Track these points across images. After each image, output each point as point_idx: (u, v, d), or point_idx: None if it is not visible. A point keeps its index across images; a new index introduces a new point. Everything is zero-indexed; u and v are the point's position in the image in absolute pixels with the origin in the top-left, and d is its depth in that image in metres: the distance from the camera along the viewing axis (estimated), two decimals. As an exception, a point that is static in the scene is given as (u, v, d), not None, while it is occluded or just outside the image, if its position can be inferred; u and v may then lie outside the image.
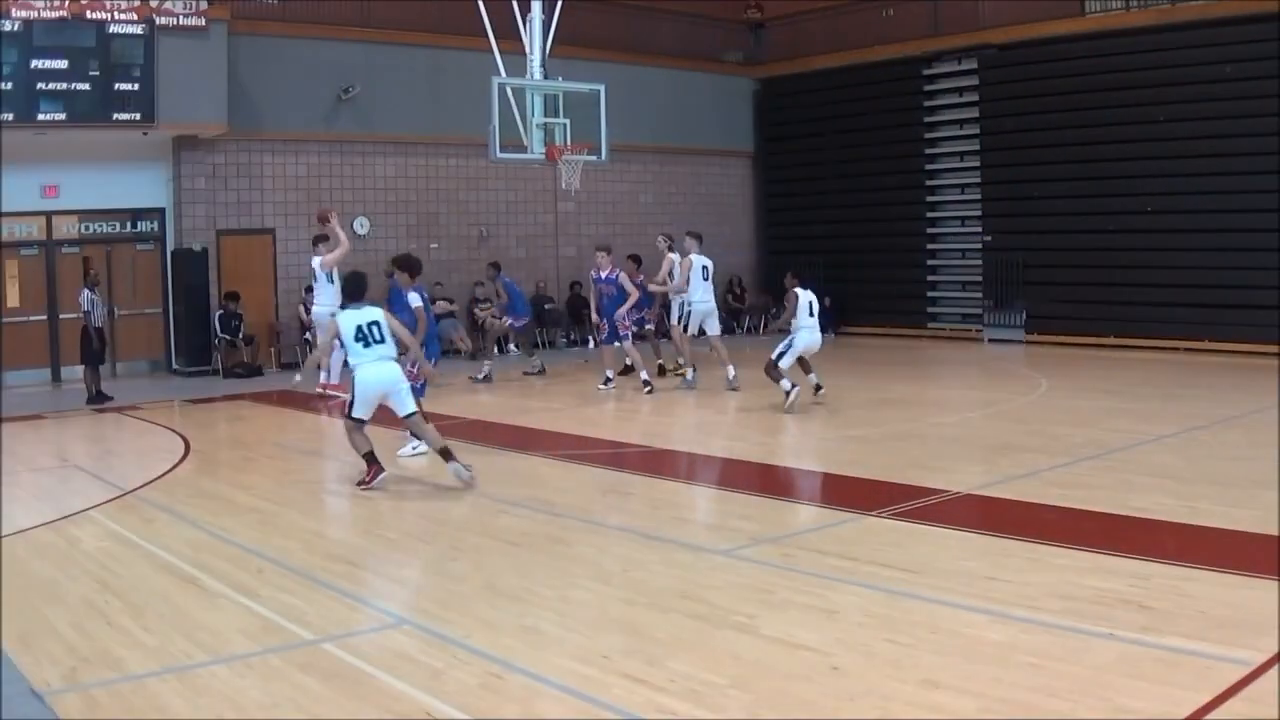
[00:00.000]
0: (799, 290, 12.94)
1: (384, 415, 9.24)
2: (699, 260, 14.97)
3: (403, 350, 9.31)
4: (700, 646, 5.28)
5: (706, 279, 14.96)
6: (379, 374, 8.85)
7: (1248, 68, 17.23)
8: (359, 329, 8.83)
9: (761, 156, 25.11)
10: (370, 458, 8.95)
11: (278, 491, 9.26)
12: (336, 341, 9.31)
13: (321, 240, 14.94)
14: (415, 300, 11.04)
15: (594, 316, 15.77)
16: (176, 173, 17.89)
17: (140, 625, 5.72)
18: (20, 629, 5.64)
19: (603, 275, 15.00)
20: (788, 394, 12.40)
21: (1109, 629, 5.25)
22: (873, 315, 22.71)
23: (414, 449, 10.43)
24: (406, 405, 8.99)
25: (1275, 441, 9.76)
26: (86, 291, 14.81)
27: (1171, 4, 18.50)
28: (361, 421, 8.96)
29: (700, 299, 14.85)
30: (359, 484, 8.96)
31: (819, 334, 13.13)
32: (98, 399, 14.62)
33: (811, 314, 13.01)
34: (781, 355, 12.66)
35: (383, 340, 8.89)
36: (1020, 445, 10.45)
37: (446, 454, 8.93)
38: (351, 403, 8.95)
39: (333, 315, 10.07)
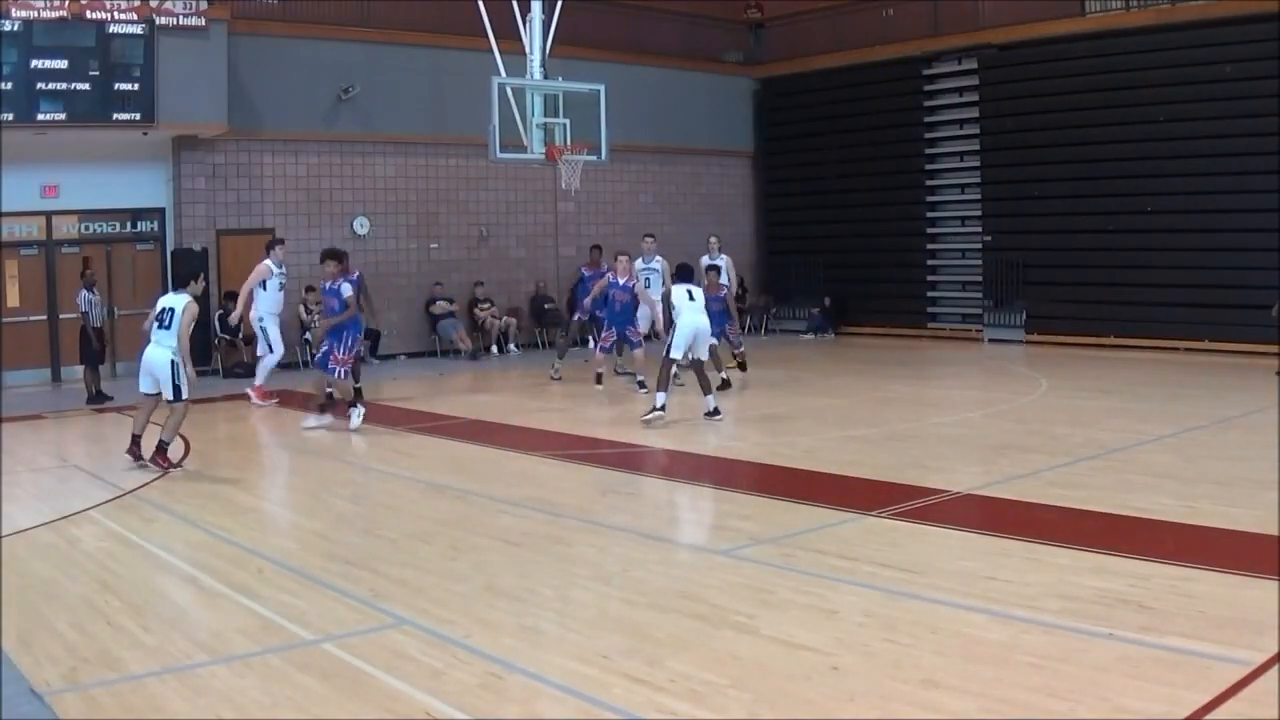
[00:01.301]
0: (674, 286, 12.30)
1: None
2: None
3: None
4: (700, 646, 5.28)
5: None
6: (151, 355, 9.93)
7: (1248, 68, 17.23)
8: (161, 311, 9.95)
9: (761, 156, 25.11)
10: (135, 440, 10.06)
11: (277, 491, 9.27)
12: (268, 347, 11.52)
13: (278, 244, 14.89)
14: (348, 290, 12.23)
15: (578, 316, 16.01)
16: (176, 173, 17.89)
17: (140, 625, 5.72)
18: (20, 629, 5.64)
19: (620, 282, 14.46)
20: (654, 409, 11.63)
21: (1109, 629, 5.25)
22: (873, 315, 22.72)
23: (317, 422, 12.14)
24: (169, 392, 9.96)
25: (1275, 442, 9.76)
26: (84, 292, 14.80)
27: (1171, 4, 18.50)
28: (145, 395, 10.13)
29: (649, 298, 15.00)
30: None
31: (705, 317, 12.21)
32: (98, 399, 14.60)
33: (693, 298, 12.11)
34: (670, 346, 11.96)
35: (168, 327, 9.83)
36: (1020, 445, 10.45)
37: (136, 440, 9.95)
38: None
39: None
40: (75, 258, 17.44)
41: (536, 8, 15.48)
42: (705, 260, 15.75)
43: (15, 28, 15.28)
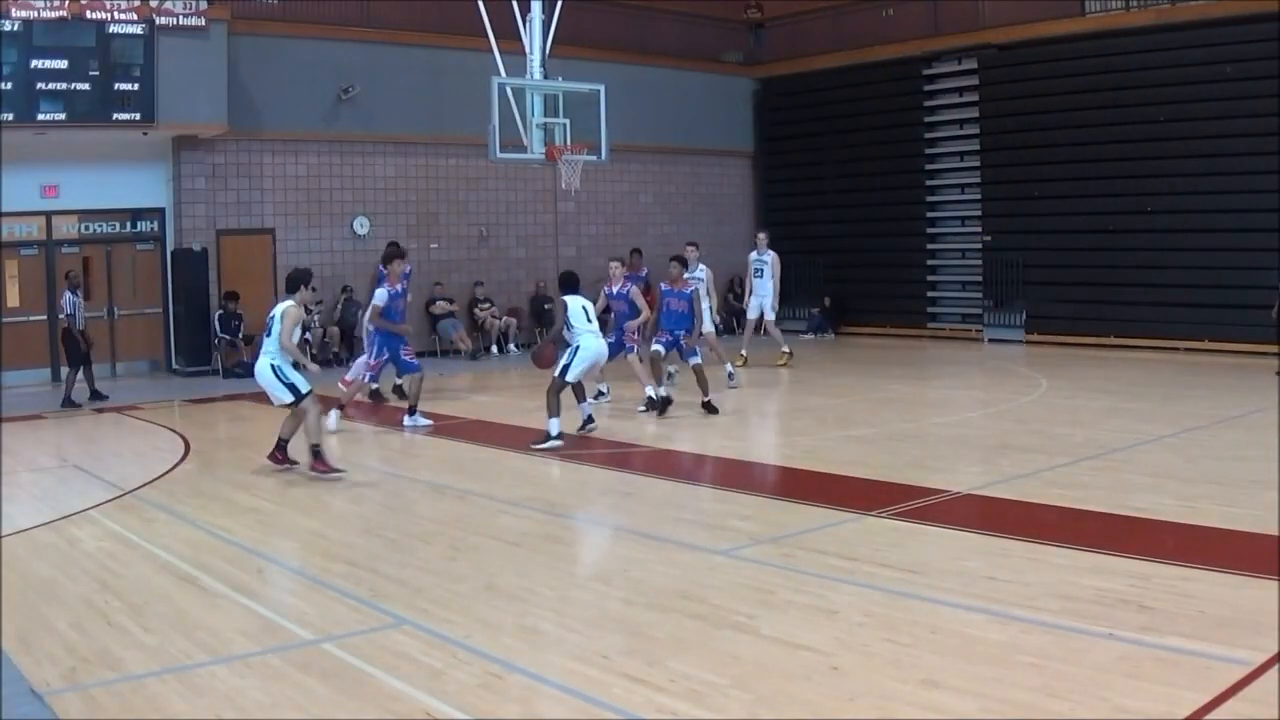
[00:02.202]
0: (567, 298, 11.40)
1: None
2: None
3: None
4: (700, 646, 5.28)
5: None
6: (259, 366, 9.83)
7: (1248, 68, 17.22)
8: (269, 321, 9.86)
9: (761, 156, 25.11)
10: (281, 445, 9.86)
11: (277, 491, 9.26)
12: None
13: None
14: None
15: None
16: (176, 172, 17.89)
17: (140, 625, 5.72)
18: (20, 629, 5.64)
19: (613, 290, 13.74)
20: (550, 437, 10.71)
21: (1109, 629, 5.25)
22: (873, 315, 22.71)
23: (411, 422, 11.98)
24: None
25: (1275, 442, 9.76)
26: (68, 294, 14.65)
27: (1171, 4, 18.50)
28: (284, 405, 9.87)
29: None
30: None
31: (603, 341, 11.53)
32: (95, 397, 14.57)
33: (590, 319, 11.37)
34: (566, 368, 11.01)
35: (270, 335, 9.75)
36: (1020, 445, 10.45)
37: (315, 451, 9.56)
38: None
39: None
40: (75, 258, 17.46)
41: (536, 8, 15.47)
42: (753, 256, 16.93)
43: (15, 28, 15.28)
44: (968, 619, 5.53)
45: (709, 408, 12.37)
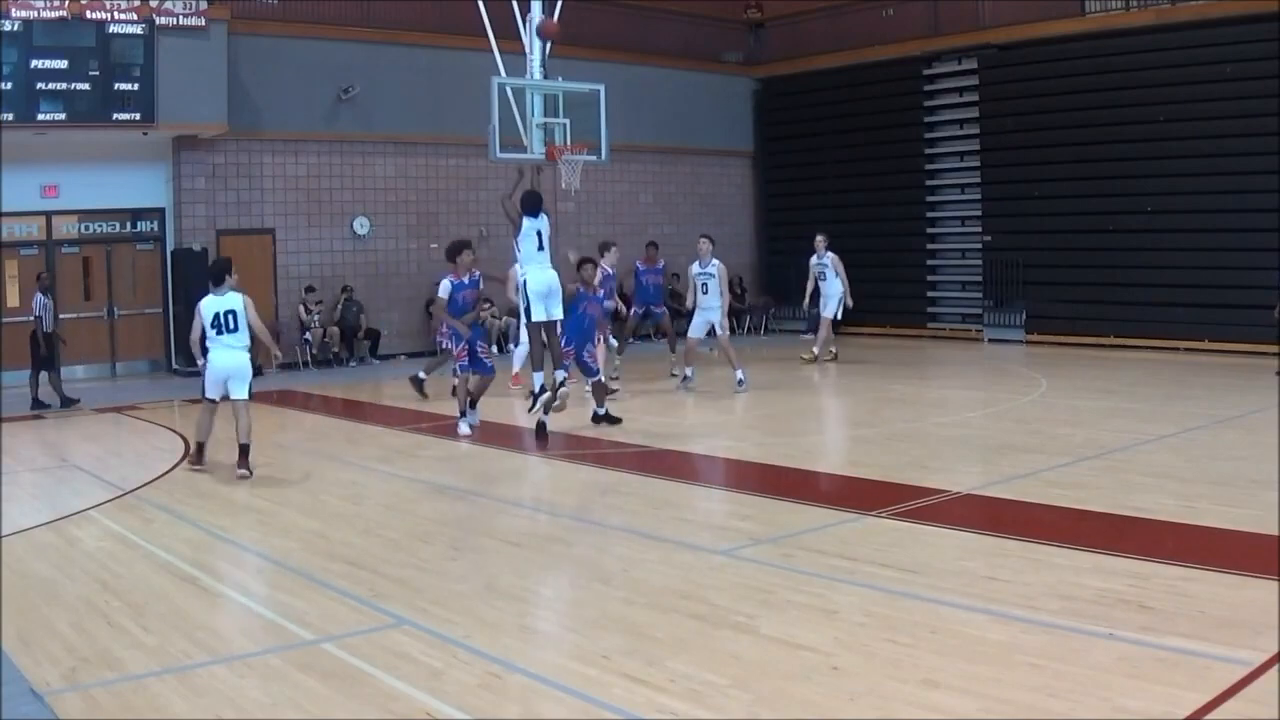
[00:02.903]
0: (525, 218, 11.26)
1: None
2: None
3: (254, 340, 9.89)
4: (700, 646, 5.28)
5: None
6: (227, 359, 9.56)
7: (1247, 68, 17.22)
8: (216, 316, 9.50)
9: (761, 156, 25.11)
10: (200, 448, 9.87)
11: (277, 491, 9.26)
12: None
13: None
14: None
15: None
16: (176, 172, 17.89)
17: (140, 625, 5.72)
18: (20, 629, 5.64)
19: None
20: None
21: (1109, 629, 5.25)
22: (873, 315, 22.65)
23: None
24: (241, 391, 9.67)
25: (1275, 442, 9.76)
26: (39, 296, 14.32)
27: (1171, 4, 18.50)
28: (213, 401, 9.76)
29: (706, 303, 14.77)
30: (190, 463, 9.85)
31: (550, 270, 11.52)
32: (65, 403, 14.27)
33: (220, 330, 9.84)
34: (528, 310, 11.27)
35: (236, 329, 9.54)
36: (1020, 445, 10.45)
37: (244, 450, 9.60)
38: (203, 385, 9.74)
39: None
40: (75, 258, 17.50)
41: (536, 8, 15.43)
42: (814, 260, 17.11)
43: (15, 28, 15.30)
44: (968, 619, 5.53)
45: (609, 419, 11.90)
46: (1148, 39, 18.54)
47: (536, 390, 11.03)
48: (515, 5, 15.45)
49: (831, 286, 17.06)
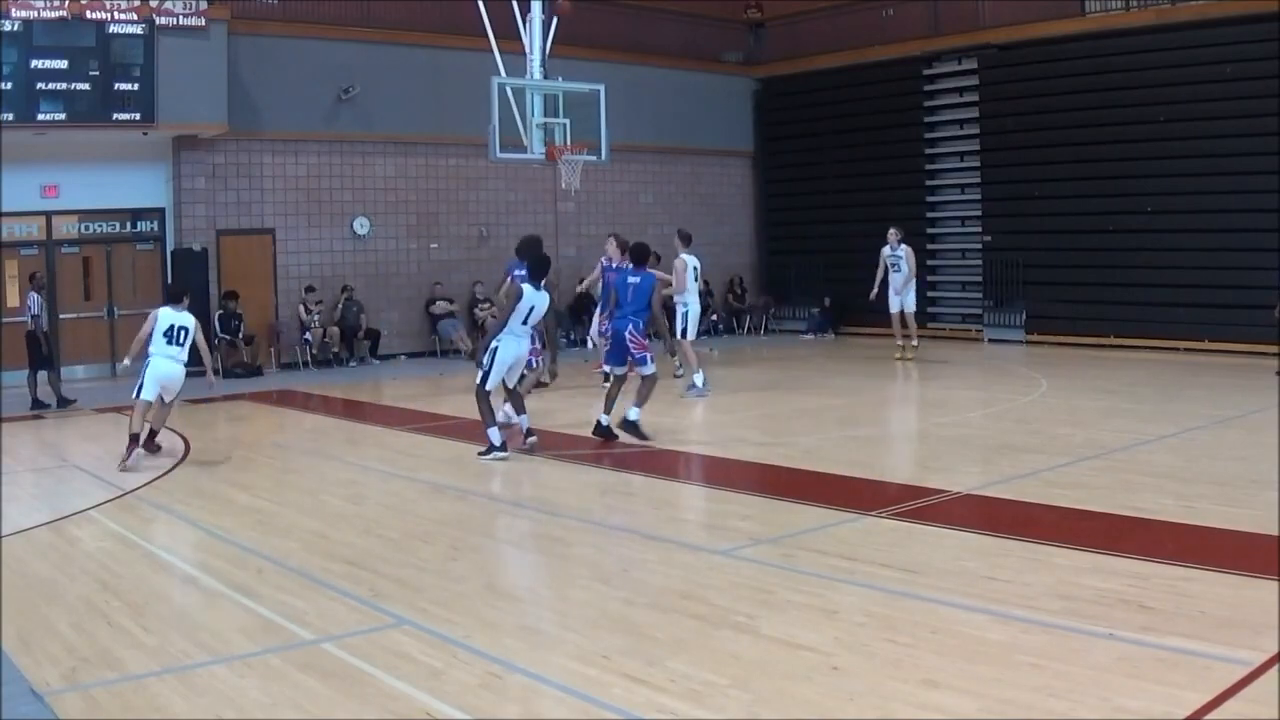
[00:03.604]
0: (525, 287, 10.05)
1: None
2: (691, 261, 14.84)
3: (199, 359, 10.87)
4: (700, 646, 5.28)
5: (696, 280, 14.89)
6: (169, 369, 10.37)
7: (1247, 68, 17.22)
8: (171, 328, 10.41)
9: (761, 156, 25.11)
10: (134, 439, 10.20)
11: (277, 491, 9.27)
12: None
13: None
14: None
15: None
16: (176, 173, 17.90)
17: (140, 625, 5.71)
18: (20, 629, 5.64)
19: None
20: (493, 448, 10.08)
21: (1108, 629, 5.25)
22: (873, 315, 22.61)
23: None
24: (171, 398, 10.62)
25: (1275, 442, 9.76)
26: (34, 295, 14.25)
27: (1171, 4, 18.50)
28: (148, 402, 10.38)
29: (694, 302, 14.71)
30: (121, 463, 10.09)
31: (525, 341, 10.33)
32: (62, 403, 14.26)
33: (526, 321, 10.12)
34: (486, 375, 10.06)
35: (181, 345, 10.47)
36: (1020, 445, 10.45)
37: (135, 440, 10.19)
38: (141, 385, 10.31)
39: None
40: (75, 258, 17.50)
41: (536, 7, 15.48)
42: (886, 252, 17.20)
43: (15, 28, 15.29)
44: (968, 619, 5.53)
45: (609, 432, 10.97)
46: (1148, 39, 18.54)
47: (497, 445, 10.18)
48: (515, 5, 15.48)
49: (900, 281, 17.18)
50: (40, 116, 15.55)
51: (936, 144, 21.91)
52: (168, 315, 10.47)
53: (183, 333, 10.47)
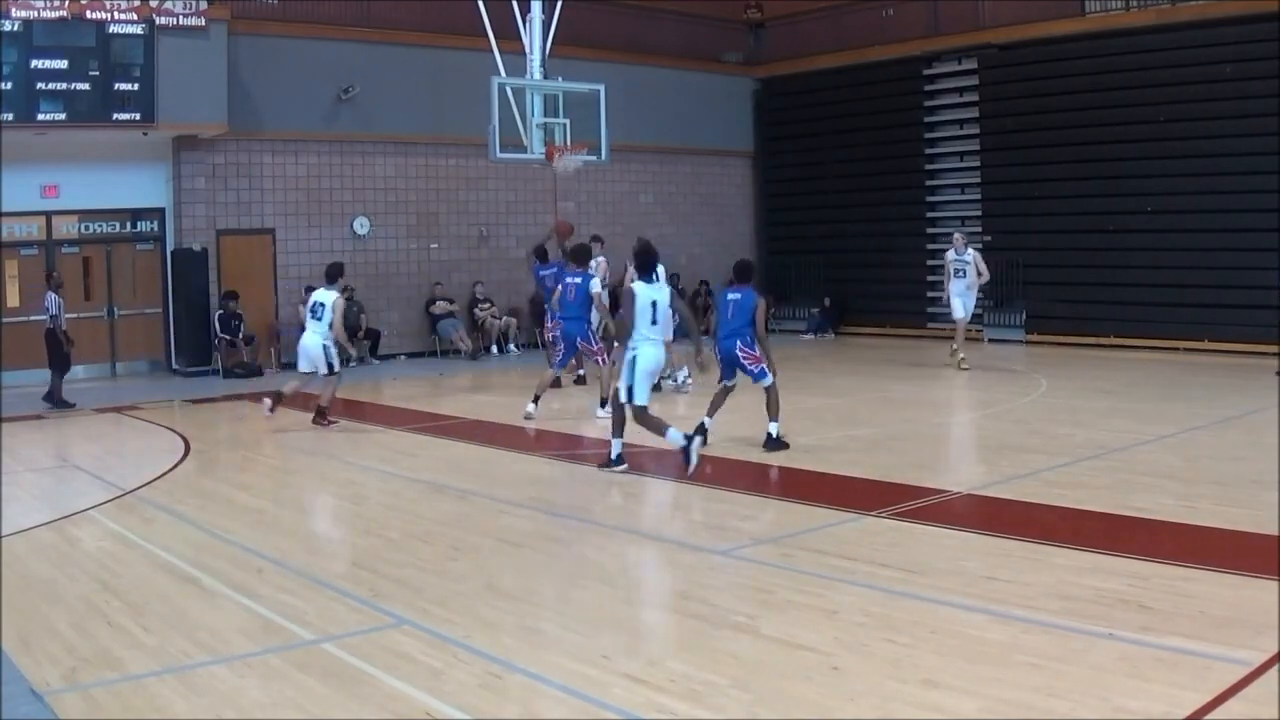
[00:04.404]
0: (635, 286, 9.56)
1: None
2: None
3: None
4: (700, 646, 5.28)
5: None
6: (306, 340, 12.25)
7: (1248, 68, 17.22)
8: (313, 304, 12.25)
9: (761, 156, 25.11)
10: (277, 397, 12.31)
11: (278, 491, 9.27)
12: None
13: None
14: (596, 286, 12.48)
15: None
16: (176, 173, 17.89)
17: (140, 625, 5.72)
18: (20, 629, 5.64)
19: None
20: (686, 450, 9.30)
21: (1108, 629, 5.25)
22: (873, 315, 22.71)
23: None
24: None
25: (1275, 442, 9.75)
26: (51, 294, 14.25)
27: (1172, 4, 18.50)
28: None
29: None
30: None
31: (661, 348, 9.63)
32: (60, 405, 14.28)
33: (654, 320, 9.50)
34: (631, 390, 9.32)
35: (319, 319, 12.12)
36: (1020, 445, 10.45)
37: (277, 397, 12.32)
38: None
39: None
40: (76, 258, 17.49)
41: (536, 7, 15.49)
42: (951, 256, 16.83)
43: (15, 28, 15.29)
44: (968, 619, 5.54)
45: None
46: (1148, 39, 18.54)
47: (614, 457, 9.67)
48: (515, 5, 15.48)
49: (962, 285, 16.58)
50: (40, 116, 15.55)
51: (936, 144, 21.90)
52: (326, 297, 12.16)
53: (318, 309, 12.09)
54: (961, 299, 16.74)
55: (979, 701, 4.51)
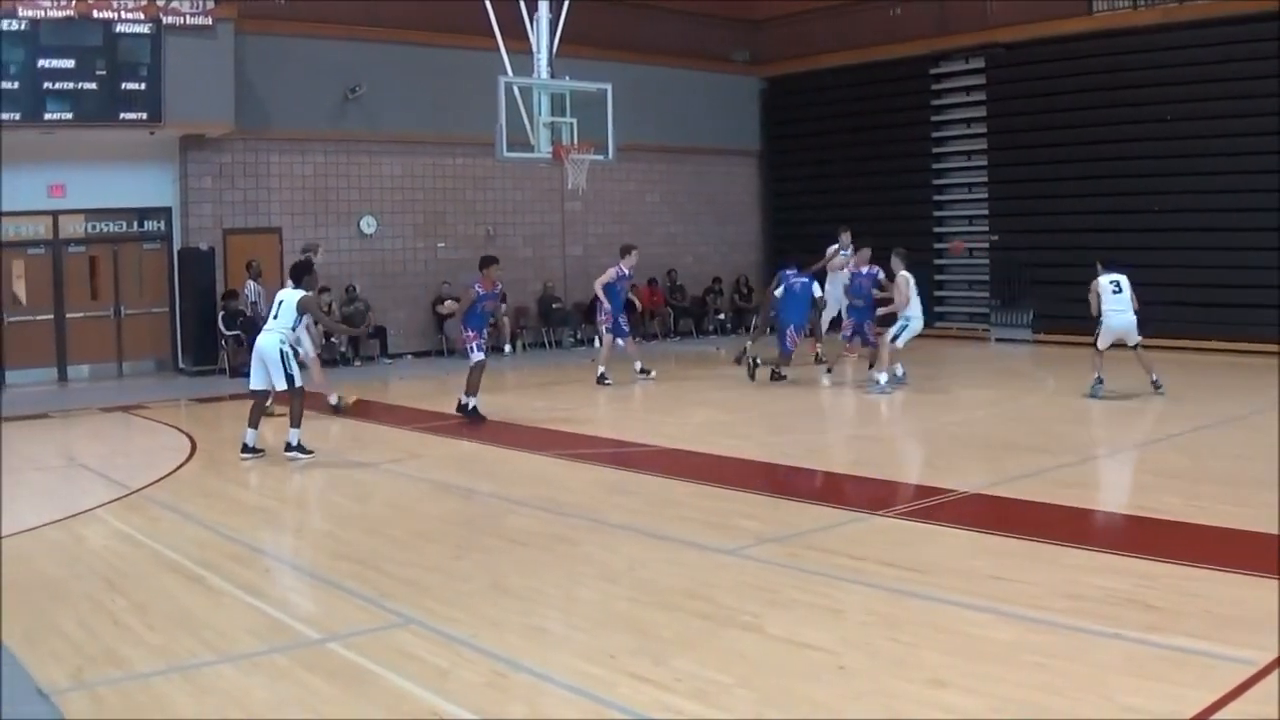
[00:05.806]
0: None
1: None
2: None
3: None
4: (706, 645, 5.28)
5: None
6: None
7: (1256, 66, 17.15)
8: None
9: (768, 155, 25.09)
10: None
11: (283, 491, 9.28)
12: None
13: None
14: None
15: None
16: (183, 172, 17.92)
17: (146, 624, 5.72)
18: (26, 628, 5.65)
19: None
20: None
21: (1115, 628, 5.24)
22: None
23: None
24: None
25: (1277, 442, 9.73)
26: (251, 283, 15.36)
27: (1179, 3, 18.44)
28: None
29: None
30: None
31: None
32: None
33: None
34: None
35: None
36: (1027, 445, 10.43)
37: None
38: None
39: None
40: (82, 257, 17.51)
41: (543, 7, 15.48)
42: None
43: (22, 27, 15.32)
44: (973, 618, 5.53)
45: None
46: (1155, 38, 18.48)
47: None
48: (522, 4, 15.48)
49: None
50: (47, 116, 15.58)
51: (943, 143, 21.86)
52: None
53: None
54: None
55: (985, 700, 4.50)
